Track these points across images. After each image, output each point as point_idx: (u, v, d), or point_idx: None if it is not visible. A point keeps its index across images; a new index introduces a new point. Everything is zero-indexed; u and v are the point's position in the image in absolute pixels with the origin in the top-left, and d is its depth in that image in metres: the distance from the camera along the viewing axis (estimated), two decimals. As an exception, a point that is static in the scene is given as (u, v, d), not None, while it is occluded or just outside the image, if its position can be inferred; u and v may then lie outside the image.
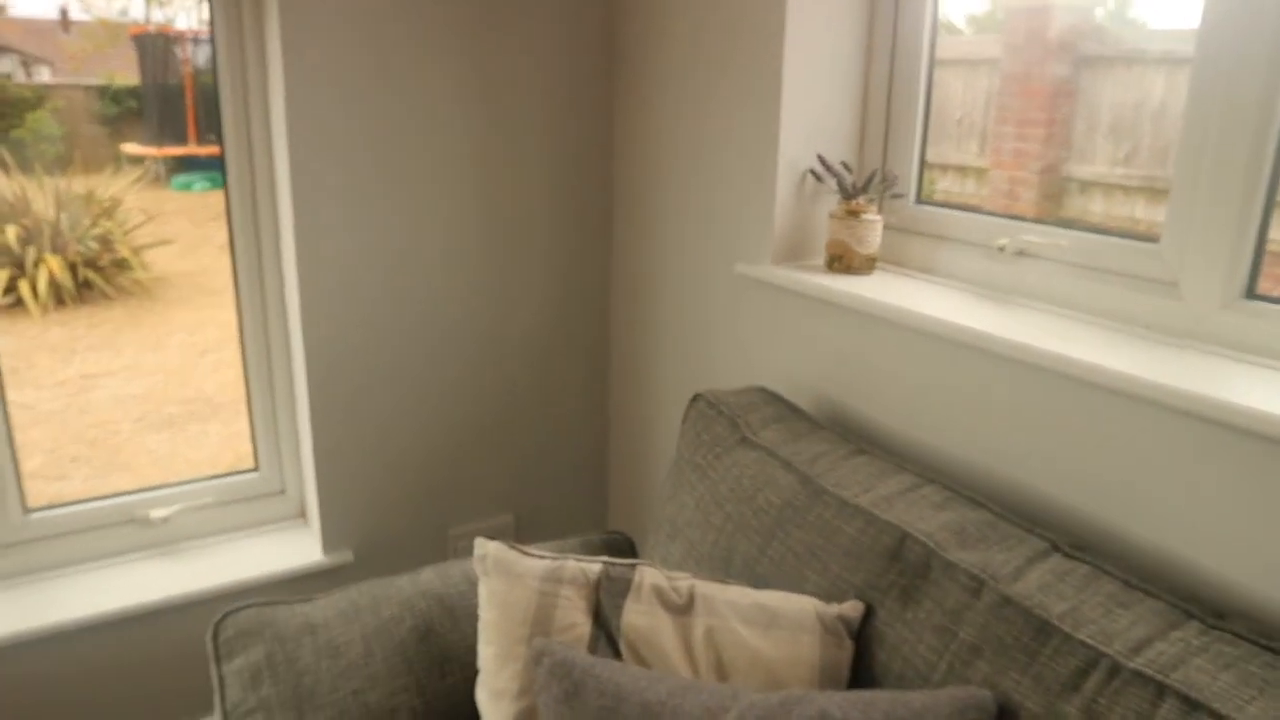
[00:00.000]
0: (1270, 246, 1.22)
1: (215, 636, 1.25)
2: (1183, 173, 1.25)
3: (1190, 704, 0.86)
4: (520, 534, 2.23)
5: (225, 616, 1.27)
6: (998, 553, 1.08)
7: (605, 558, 1.22)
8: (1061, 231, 1.42)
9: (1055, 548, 1.09)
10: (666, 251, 1.94)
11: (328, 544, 1.99)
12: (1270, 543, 1.04)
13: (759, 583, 1.24)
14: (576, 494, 2.30)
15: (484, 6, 1.85)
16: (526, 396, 2.15)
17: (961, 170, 1.76)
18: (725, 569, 1.29)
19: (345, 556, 2.00)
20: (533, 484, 2.22)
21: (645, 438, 2.13)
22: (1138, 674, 0.90)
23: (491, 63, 1.89)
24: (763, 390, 1.54)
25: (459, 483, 2.12)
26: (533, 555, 1.22)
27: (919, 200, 1.66)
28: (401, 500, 2.06)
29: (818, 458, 1.31)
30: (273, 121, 1.81)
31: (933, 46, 1.61)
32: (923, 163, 1.67)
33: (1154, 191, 1.70)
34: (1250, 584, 1.06)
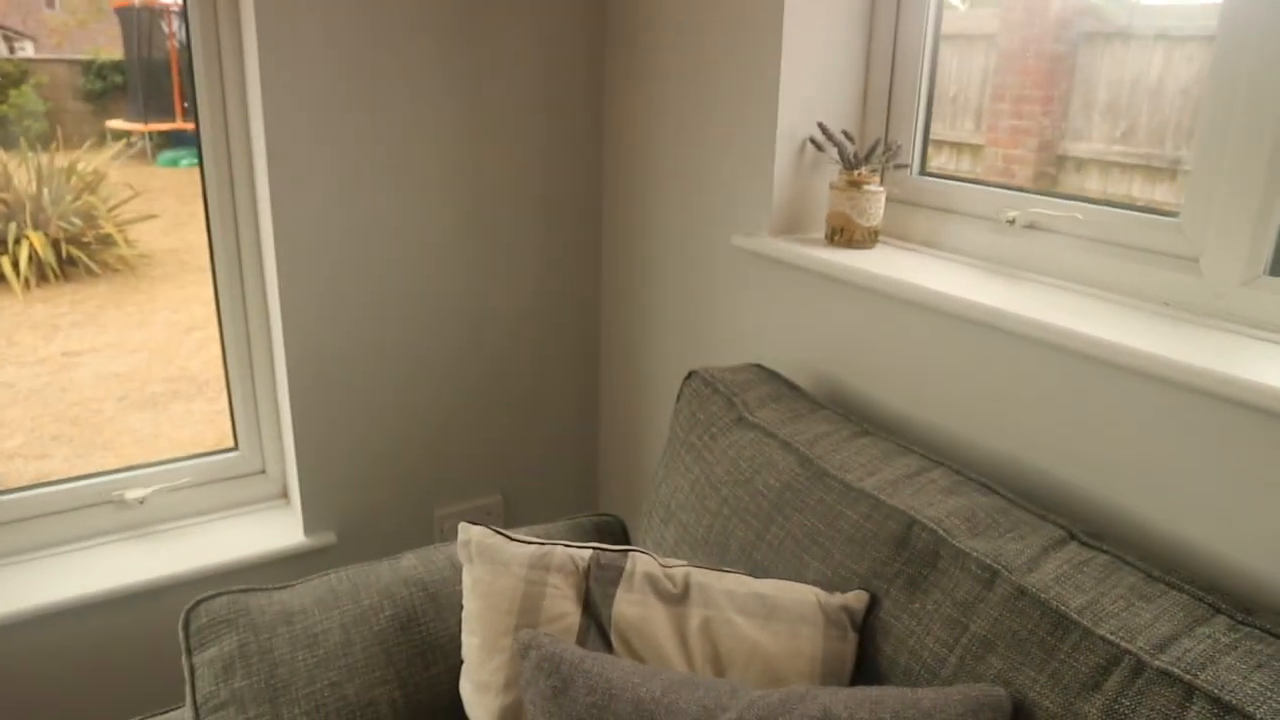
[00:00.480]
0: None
1: (186, 625, 1.18)
2: (1205, 147, 1.19)
3: (1222, 707, 0.80)
4: (509, 515, 2.17)
5: (197, 604, 1.20)
6: (1010, 541, 1.02)
7: (595, 544, 1.16)
8: (1075, 204, 1.35)
9: (1071, 535, 1.04)
10: (660, 224, 1.87)
11: (310, 525, 1.93)
12: (1298, 531, 0.99)
13: (757, 570, 1.18)
14: (566, 474, 2.24)
15: (471, -33, 1.77)
16: (514, 374, 2.09)
17: (957, 147, 1.71)
18: (721, 555, 1.24)
19: (328, 538, 1.94)
20: (521, 464, 2.16)
21: (637, 417, 2.07)
22: (1164, 673, 0.85)
23: (478, 32, 1.81)
24: (760, 368, 1.48)
25: (445, 462, 2.06)
26: (519, 541, 1.16)
27: (922, 172, 1.59)
28: (386, 480, 2.00)
29: (819, 439, 1.25)
30: (249, 95, 1.73)
31: (939, 13, 1.53)
32: (926, 133, 1.60)
33: (1151, 170, 1.67)
34: (1276, 573, 1.01)
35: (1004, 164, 2.37)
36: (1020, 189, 1.44)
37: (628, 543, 1.51)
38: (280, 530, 1.93)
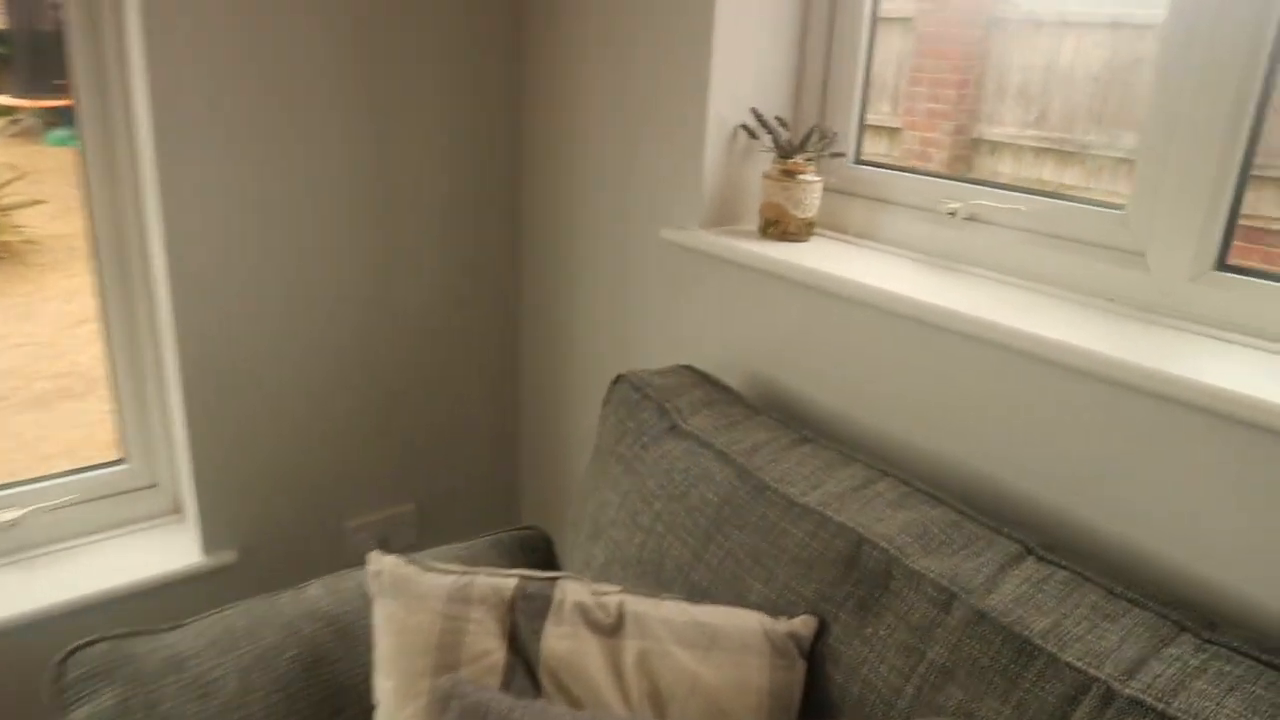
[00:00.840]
0: (1242, 219, 1.13)
1: (58, 678, 1.05)
2: (1152, 139, 1.15)
3: (1202, 741, 0.75)
4: (423, 524, 2.05)
5: (71, 653, 1.07)
6: (966, 559, 0.96)
7: (521, 570, 1.07)
8: (1019, 196, 1.30)
9: (1028, 550, 0.98)
10: (584, 218, 1.77)
11: (208, 543, 1.78)
12: (1251, 534, 0.95)
13: (695, 592, 1.10)
14: (484, 480, 2.13)
15: (373, -63, 1.63)
16: (427, 374, 1.96)
17: (874, 130, 1.67)
18: (656, 575, 1.15)
19: (228, 556, 1.79)
20: (436, 470, 2.05)
21: (561, 420, 1.97)
22: (1135, 701, 0.79)
23: (382, 12, 1.67)
24: (692, 370, 1.40)
25: (355, 469, 1.93)
26: (436, 570, 1.06)
27: (858, 160, 1.53)
28: (291, 490, 1.86)
29: (757, 448, 1.17)
30: (131, 67, 1.56)
31: (875, -10, 1.46)
32: (862, 120, 1.53)
33: (1063, 154, 1.65)
34: (1233, 581, 0.97)
35: (921, 147, 2.35)
36: (960, 179, 1.39)
37: (554, 560, 1.41)
38: (175, 550, 1.78)
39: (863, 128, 1.54)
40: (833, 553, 1.01)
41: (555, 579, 1.05)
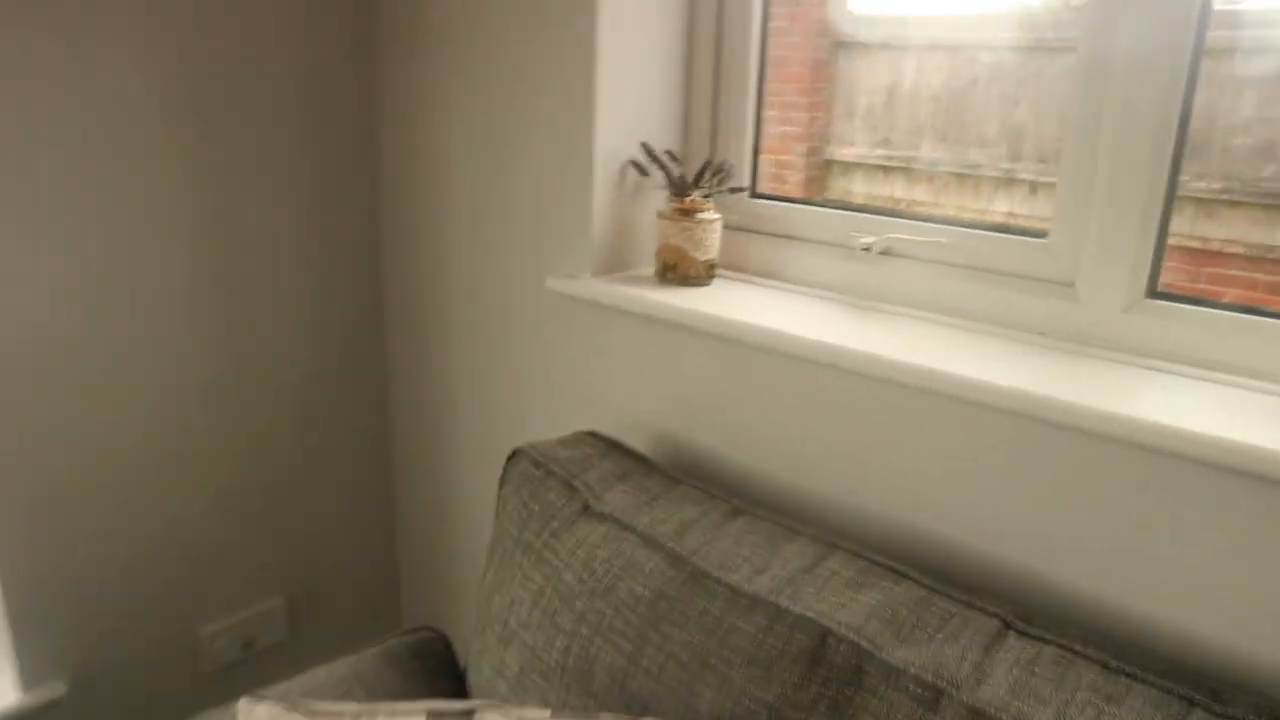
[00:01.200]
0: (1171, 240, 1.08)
1: None
2: (1075, 164, 1.09)
3: None
4: (293, 619, 1.81)
5: None
6: (945, 644, 0.85)
7: (429, 704, 0.89)
8: (936, 228, 1.22)
9: (1007, 625, 0.87)
10: (457, 269, 1.60)
11: (28, 677, 1.50)
12: (1227, 585, 0.88)
13: (635, 704, 0.95)
14: (360, 569, 1.91)
15: (193, -38, 1.42)
16: (287, 454, 1.74)
17: None
18: (585, 686, 0.99)
19: (55, 690, 1.51)
20: (304, 559, 1.81)
21: (444, 500, 1.78)
22: (1171, 810, 0.69)
23: (207, 40, 1.46)
24: (596, 437, 1.25)
25: (208, 566, 1.68)
26: (325, 716, 0.87)
27: (754, 194, 1.42)
28: (129, 599, 1.59)
29: (686, 527, 1.03)
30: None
31: (765, 14, 1.37)
32: (757, 151, 1.43)
33: (910, 172, 1.62)
34: (1219, 638, 0.89)
35: (776, 169, 2.31)
36: (866, 210, 1.30)
37: (455, 667, 1.23)
38: (-16, 689, 1.49)
39: (757, 159, 1.44)
40: (794, 649, 0.88)
41: (471, 710, 0.88)
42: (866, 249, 1.24)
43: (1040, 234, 1.14)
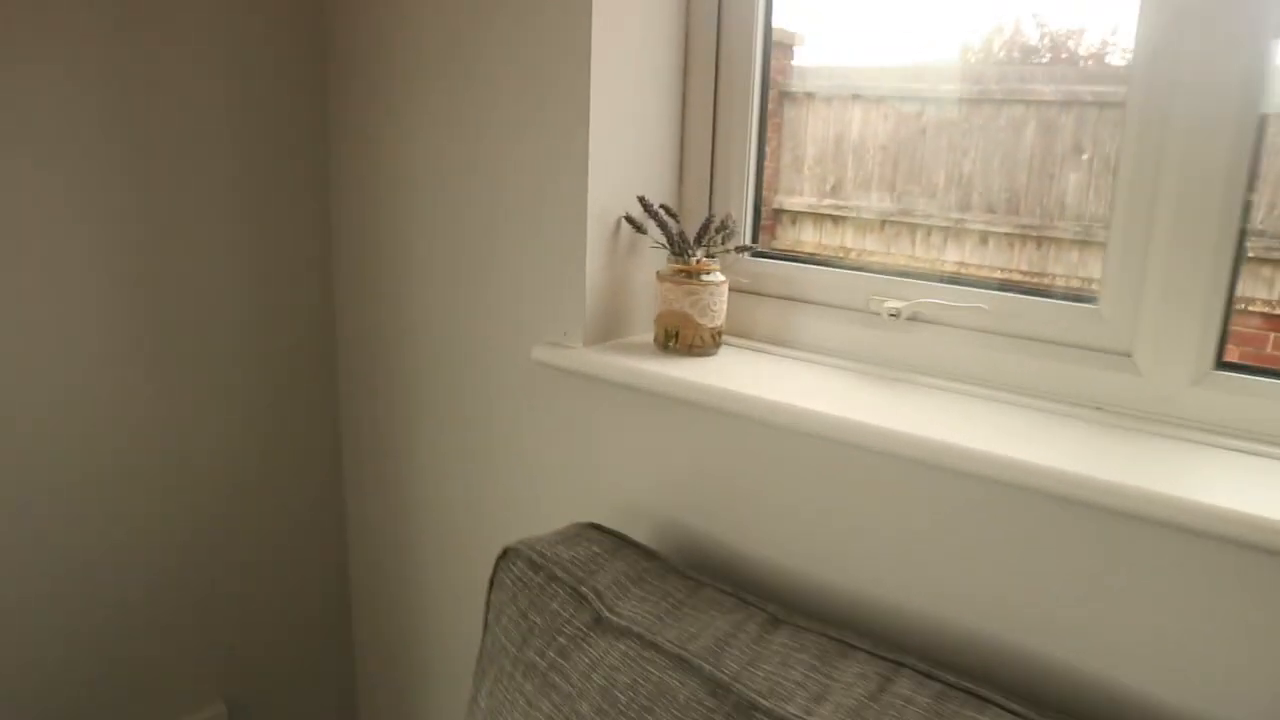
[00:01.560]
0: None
1: None
2: (1125, 223, 0.99)
3: None
4: (231, 732, 1.59)
5: None
6: (1057, 794, 0.71)
7: None
8: (971, 291, 1.11)
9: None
10: (428, 335, 1.43)
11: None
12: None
13: None
14: (311, 673, 1.70)
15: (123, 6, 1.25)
16: (231, 540, 1.53)
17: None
18: (608, 844, 0.82)
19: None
20: (249, 659, 1.60)
21: (408, 601, 1.59)
22: None
23: (139, 79, 1.29)
24: (598, 530, 1.09)
25: (140, 669, 1.46)
26: None
27: (757, 253, 1.30)
28: (48, 711, 1.37)
29: (722, 643, 0.88)
30: None
31: (766, 58, 1.26)
32: (759, 206, 1.32)
33: (859, 221, 1.57)
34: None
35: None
36: (888, 271, 1.18)
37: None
38: None
39: (759, 216, 1.32)
40: (874, 804, 0.73)
41: None
42: (895, 314, 1.12)
43: (1092, 298, 1.04)
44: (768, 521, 1.09)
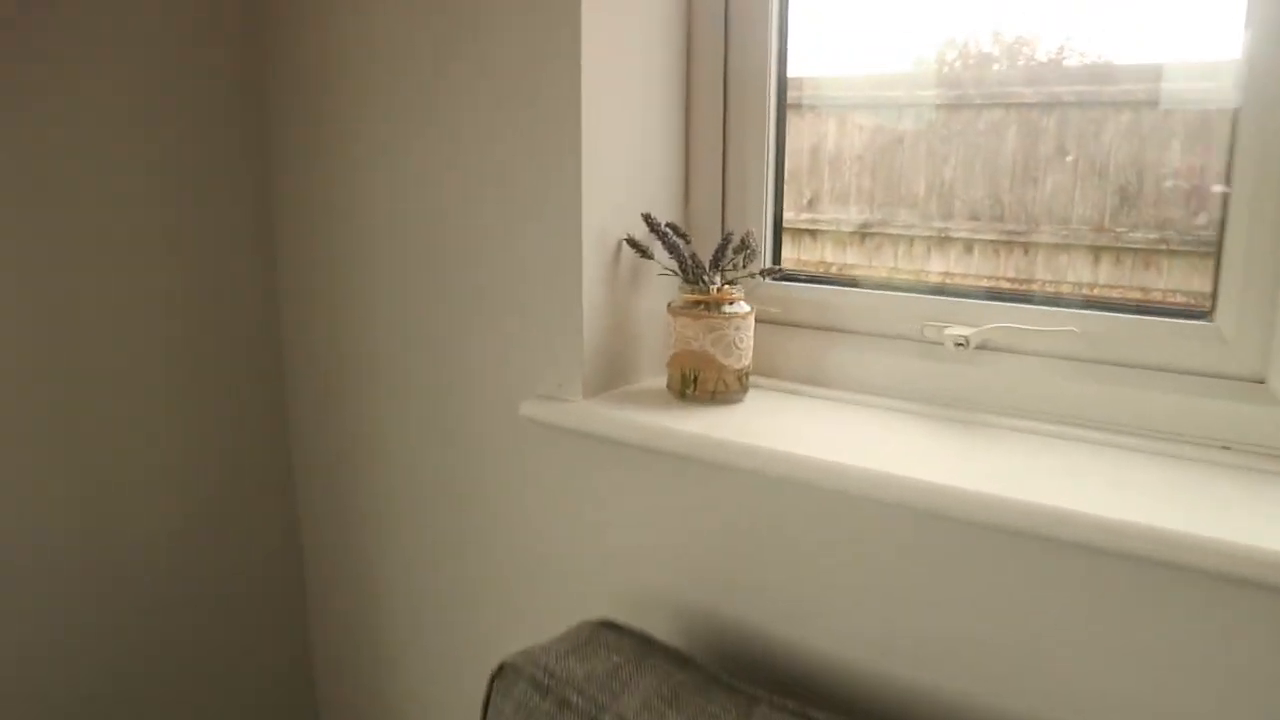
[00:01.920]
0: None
1: None
2: (1246, 230, 0.82)
3: None
4: None
5: None
6: None
7: None
8: (1056, 311, 0.91)
9: None
10: (394, 389, 1.22)
11: None
12: None
13: None
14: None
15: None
16: (178, 652, 1.30)
17: None
18: None
19: None
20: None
21: (374, 691, 1.36)
22: None
23: (39, 102, 1.07)
24: (613, 631, 0.88)
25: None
26: None
27: (780, 276, 1.10)
28: None
29: (795, 789, 0.67)
30: None
31: (783, 55, 1.06)
32: (779, 225, 1.12)
33: (838, 234, 1.44)
34: None
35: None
36: (944, 292, 0.99)
37: None
38: None
39: (779, 234, 1.12)
40: None
41: None
42: (962, 343, 0.92)
43: (1203, 314, 0.85)
44: (819, 607, 0.88)
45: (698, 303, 0.97)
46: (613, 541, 1.02)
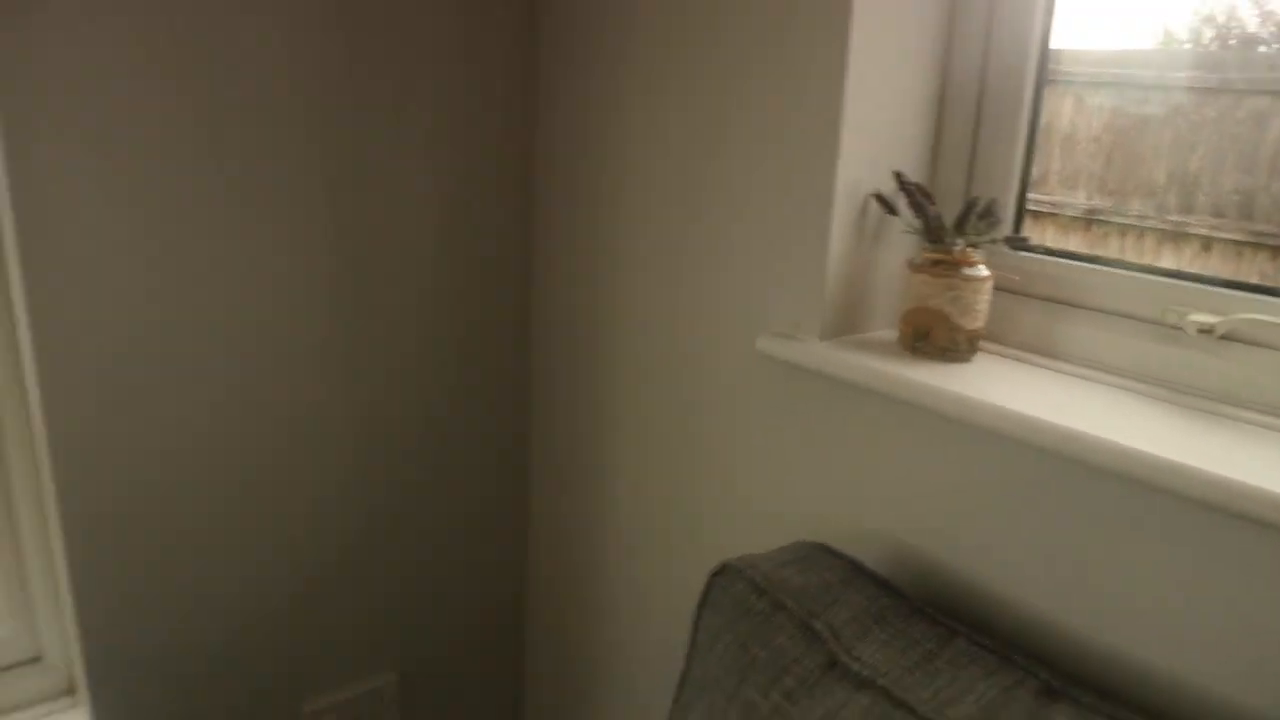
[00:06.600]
0: None
1: None
2: None
3: None
4: (405, 701, 1.57)
5: None
6: None
7: None
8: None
9: None
10: (630, 315, 1.33)
11: (101, 762, 1.29)
12: None
13: None
14: (483, 654, 1.66)
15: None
16: (410, 518, 1.50)
17: None
18: None
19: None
20: (423, 633, 1.57)
21: (585, 593, 1.51)
22: None
23: (353, 39, 1.24)
24: (829, 553, 0.96)
25: (315, 634, 1.45)
26: None
27: (1020, 245, 1.12)
28: (226, 665, 1.38)
29: (990, 714, 0.74)
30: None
31: (1046, 29, 1.07)
32: (1024, 193, 1.14)
33: (1059, 219, 1.44)
34: None
35: None
36: (1187, 277, 0.99)
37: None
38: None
39: (1024, 202, 1.14)
40: None
41: None
42: (1206, 330, 0.93)
43: None
44: (1030, 566, 0.93)
45: (939, 262, 1.02)
46: (831, 475, 1.11)
